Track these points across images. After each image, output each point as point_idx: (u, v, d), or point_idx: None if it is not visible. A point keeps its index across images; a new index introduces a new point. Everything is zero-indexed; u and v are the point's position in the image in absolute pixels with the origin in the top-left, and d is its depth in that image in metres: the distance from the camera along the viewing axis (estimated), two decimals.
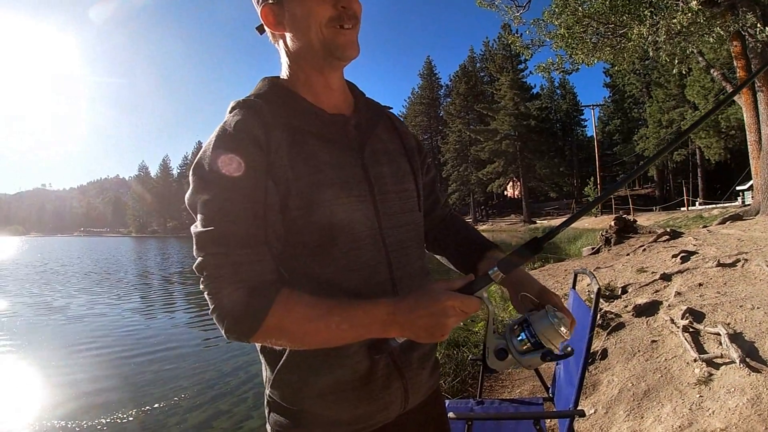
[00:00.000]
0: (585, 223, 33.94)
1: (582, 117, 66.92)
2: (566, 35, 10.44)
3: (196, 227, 0.95)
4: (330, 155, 1.05)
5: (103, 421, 5.06)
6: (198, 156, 0.99)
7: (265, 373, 1.11)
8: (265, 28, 1.11)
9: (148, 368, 6.97)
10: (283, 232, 1.00)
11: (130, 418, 5.11)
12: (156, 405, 5.43)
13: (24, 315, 11.61)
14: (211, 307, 0.92)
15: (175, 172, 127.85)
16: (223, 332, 0.92)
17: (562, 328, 0.91)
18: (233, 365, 6.76)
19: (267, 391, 1.11)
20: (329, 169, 1.03)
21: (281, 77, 1.14)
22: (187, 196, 0.99)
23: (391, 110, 1.32)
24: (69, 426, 4.97)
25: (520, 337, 0.93)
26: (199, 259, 0.93)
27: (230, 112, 1.04)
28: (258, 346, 1.09)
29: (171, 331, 9.71)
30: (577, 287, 2.67)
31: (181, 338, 9.01)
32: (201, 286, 0.93)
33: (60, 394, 5.93)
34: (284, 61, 1.12)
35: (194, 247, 0.94)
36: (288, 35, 1.07)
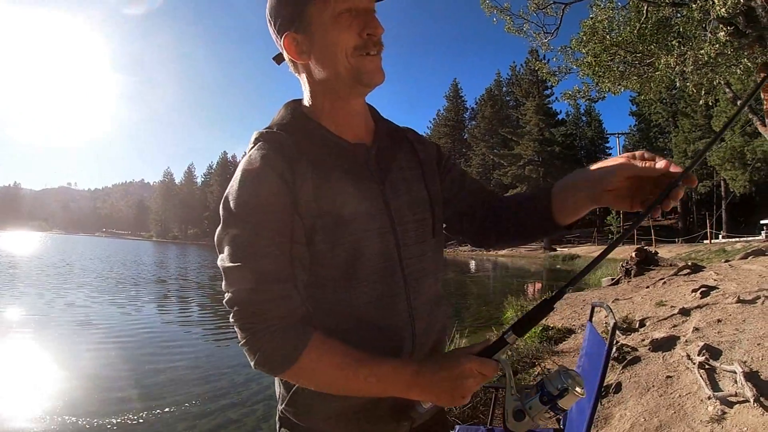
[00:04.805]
0: None
1: (607, 145, 66.09)
2: (593, 63, 10.40)
3: (224, 262, 0.97)
4: (353, 187, 1.04)
5: (114, 421, 5.13)
6: (226, 191, 1.01)
7: (279, 389, 1.14)
8: (285, 57, 1.11)
9: (161, 372, 7.04)
10: (308, 263, 1.01)
11: (141, 420, 5.16)
12: (167, 409, 5.48)
13: (42, 315, 11.69)
14: (241, 341, 0.95)
15: (199, 180, 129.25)
16: (252, 364, 0.95)
17: (578, 389, 0.91)
18: (246, 376, 6.77)
19: (280, 407, 1.13)
20: (353, 202, 1.03)
21: (304, 104, 1.14)
22: (217, 231, 1.00)
23: (410, 130, 1.29)
24: (80, 424, 5.04)
25: (534, 399, 0.93)
26: (229, 294, 0.95)
27: (254, 143, 1.06)
28: None
29: (186, 338, 9.79)
30: (594, 319, 2.66)
31: (196, 345, 9.09)
32: (231, 320, 0.95)
33: (71, 391, 6.01)
34: (307, 89, 1.12)
35: (224, 282, 0.96)
36: (312, 65, 1.06)
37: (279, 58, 1.14)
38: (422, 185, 1.18)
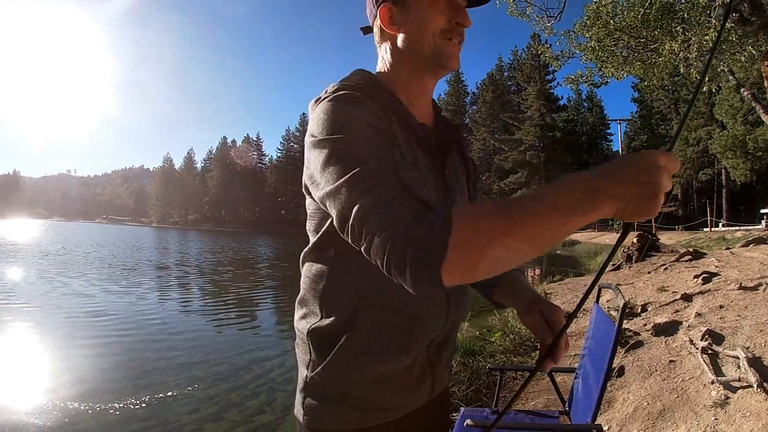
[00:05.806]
0: (606, 239, 33.65)
1: (608, 131, 65.76)
2: (596, 48, 10.33)
3: (335, 183, 0.85)
4: (424, 158, 1.09)
5: (117, 405, 5.12)
6: (311, 133, 0.96)
7: (309, 355, 1.10)
8: (375, 27, 1.16)
9: (163, 358, 7.02)
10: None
11: (143, 405, 5.16)
12: (169, 393, 5.48)
13: (43, 301, 11.68)
14: (386, 247, 0.75)
15: (199, 165, 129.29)
16: (407, 278, 0.73)
17: None
18: (248, 359, 6.80)
19: (309, 374, 1.09)
20: (425, 169, 1.07)
21: (378, 71, 1.17)
22: (312, 171, 0.94)
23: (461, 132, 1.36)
24: (82, 409, 5.04)
25: None
26: (356, 207, 0.80)
27: (334, 91, 1.01)
28: (306, 328, 1.09)
29: (187, 323, 9.78)
30: (599, 302, 2.66)
31: (197, 330, 9.07)
32: (365, 237, 0.79)
33: (73, 378, 5.98)
34: (387, 59, 1.15)
35: (341, 204, 0.84)
36: (400, 36, 1.11)
37: (367, 30, 1.21)
38: (465, 180, 1.28)
